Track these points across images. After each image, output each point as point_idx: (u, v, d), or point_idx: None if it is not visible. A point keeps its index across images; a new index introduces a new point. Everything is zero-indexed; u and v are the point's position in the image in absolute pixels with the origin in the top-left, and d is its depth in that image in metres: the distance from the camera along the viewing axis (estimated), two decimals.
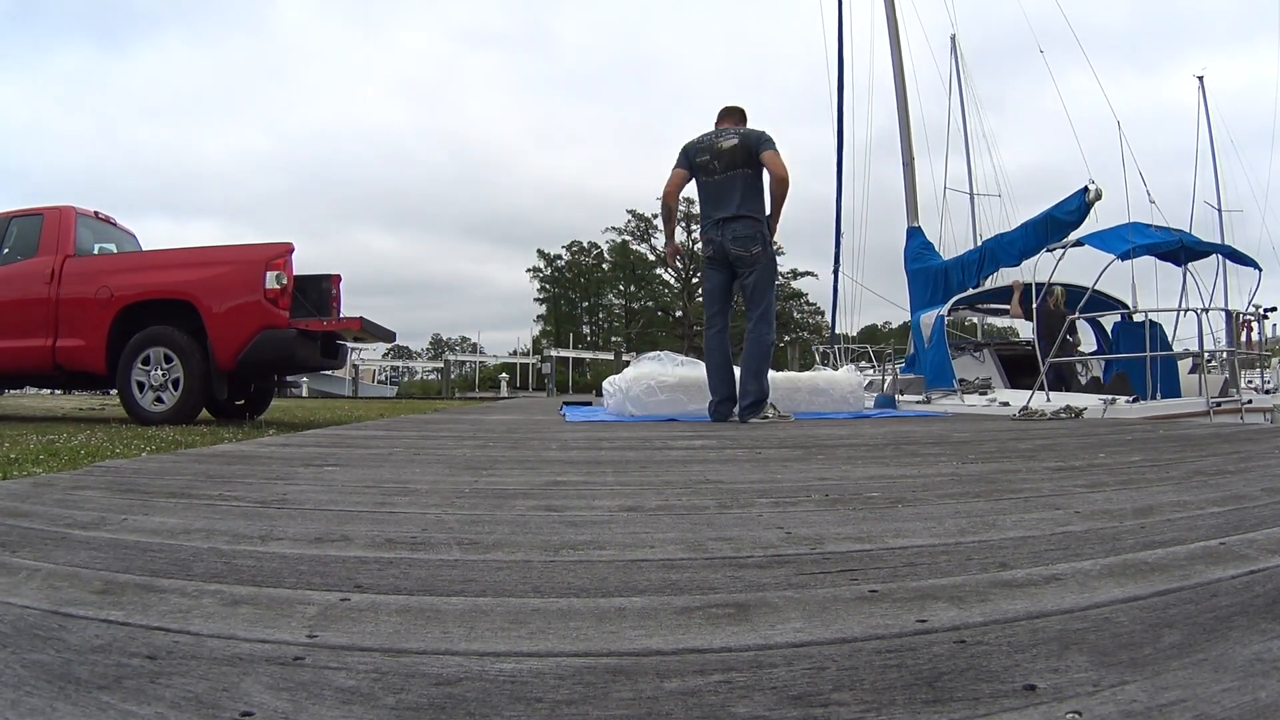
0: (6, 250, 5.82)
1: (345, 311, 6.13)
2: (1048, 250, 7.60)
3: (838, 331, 12.84)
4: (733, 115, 4.63)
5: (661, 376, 5.06)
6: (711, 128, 4.62)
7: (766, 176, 4.42)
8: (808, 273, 42.71)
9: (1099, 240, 7.03)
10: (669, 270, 44.85)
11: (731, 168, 4.42)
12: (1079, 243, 7.22)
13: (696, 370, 5.08)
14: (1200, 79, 22.53)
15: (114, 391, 5.83)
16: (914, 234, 10.43)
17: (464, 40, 65.28)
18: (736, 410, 4.43)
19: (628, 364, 5.90)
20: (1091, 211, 7.69)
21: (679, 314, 43.98)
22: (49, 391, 11.94)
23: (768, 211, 4.47)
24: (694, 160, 4.52)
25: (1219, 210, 21.32)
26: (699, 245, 5.00)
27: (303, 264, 5.70)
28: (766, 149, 4.38)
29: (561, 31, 64.90)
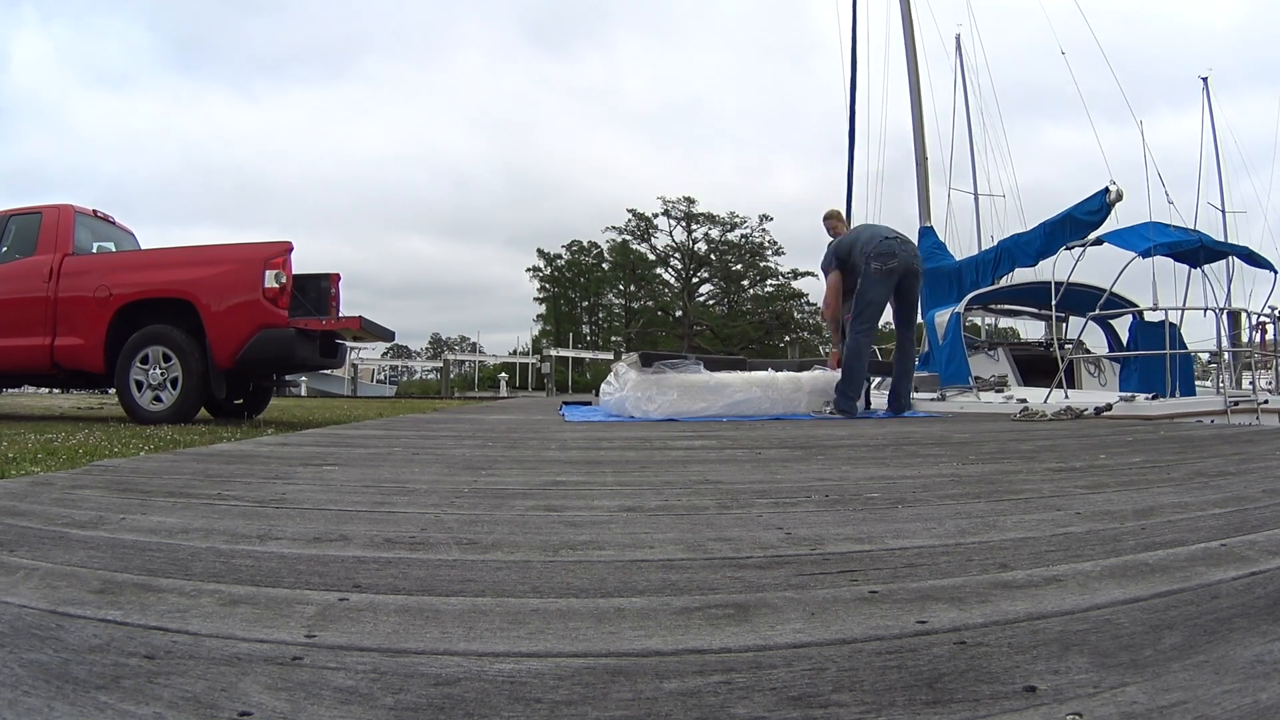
0: (5, 249, 5.80)
1: (344, 310, 6.12)
2: (1066, 249, 7.59)
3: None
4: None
5: (662, 381, 5.04)
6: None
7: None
8: (808, 273, 42.74)
9: (1119, 239, 7.02)
10: (669, 269, 44.89)
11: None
12: (1099, 241, 7.21)
13: (696, 376, 5.07)
14: (1204, 80, 22.51)
15: (112, 390, 5.81)
16: (926, 234, 10.41)
17: (548, 87, 72.83)
18: (882, 408, 5.33)
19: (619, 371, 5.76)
20: (1112, 213, 7.68)
21: (679, 314, 43.97)
22: (47, 390, 11.92)
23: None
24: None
25: (1223, 211, 21.33)
26: (699, 245, 5.16)
27: (344, 268, 5.74)
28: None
29: (629, 81, 73.51)
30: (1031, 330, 11.26)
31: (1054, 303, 7.27)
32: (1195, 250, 6.84)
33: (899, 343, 5.51)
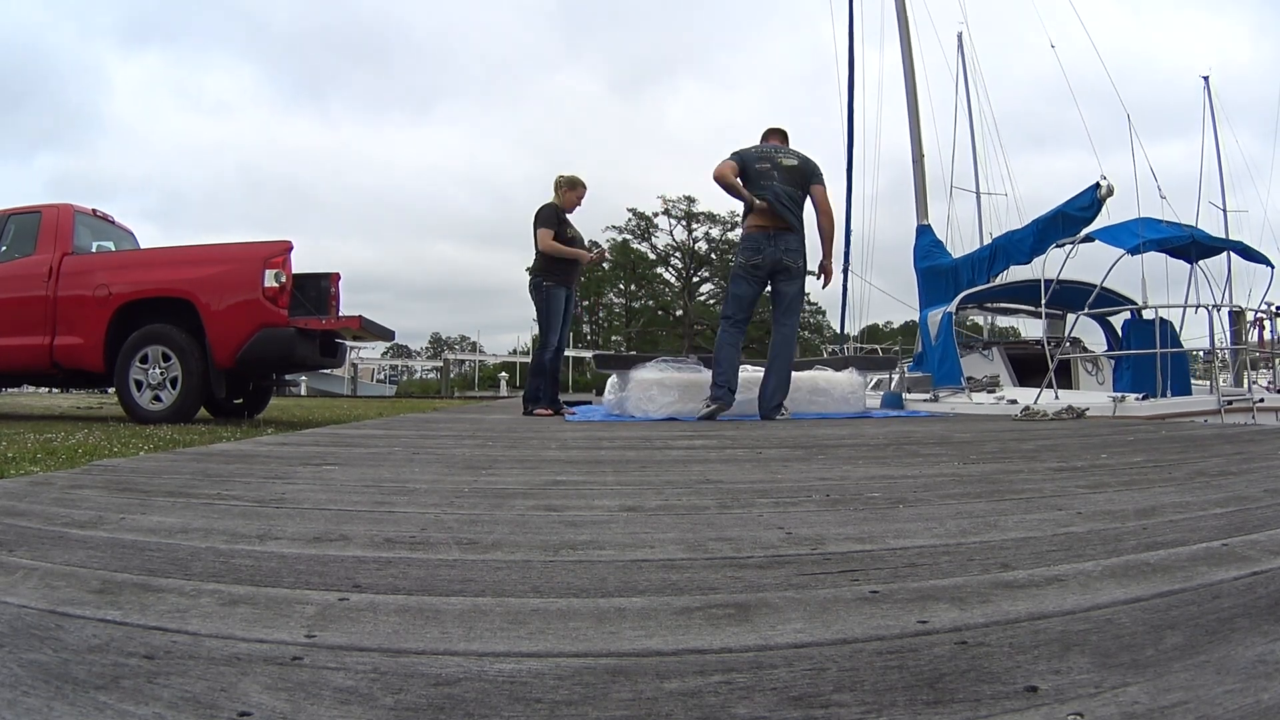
0: (4, 248, 5.80)
1: (344, 310, 6.12)
2: (1057, 246, 7.59)
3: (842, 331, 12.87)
4: (780, 135, 4.96)
5: (662, 379, 5.05)
6: (759, 143, 4.90)
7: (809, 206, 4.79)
8: (809, 273, 42.65)
9: (1109, 235, 7.00)
10: (669, 269, 44.86)
11: (790, 184, 4.69)
12: (1089, 238, 7.21)
13: (698, 375, 5.07)
14: (1206, 79, 22.54)
15: (112, 390, 5.82)
16: (923, 232, 10.39)
17: (596, 112, 78.06)
18: (761, 408, 4.67)
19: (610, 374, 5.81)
20: (1104, 208, 7.68)
21: (679, 313, 43.95)
22: (47, 390, 11.92)
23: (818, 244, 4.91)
24: (750, 165, 4.69)
25: (1224, 210, 21.38)
26: (699, 244, 5.04)
27: (370, 269, 5.80)
28: (818, 182, 4.78)
29: (672, 109, 78.14)
30: (1031, 329, 11.28)
31: (1043, 301, 7.27)
32: (1187, 246, 6.80)
33: (772, 340, 4.85)
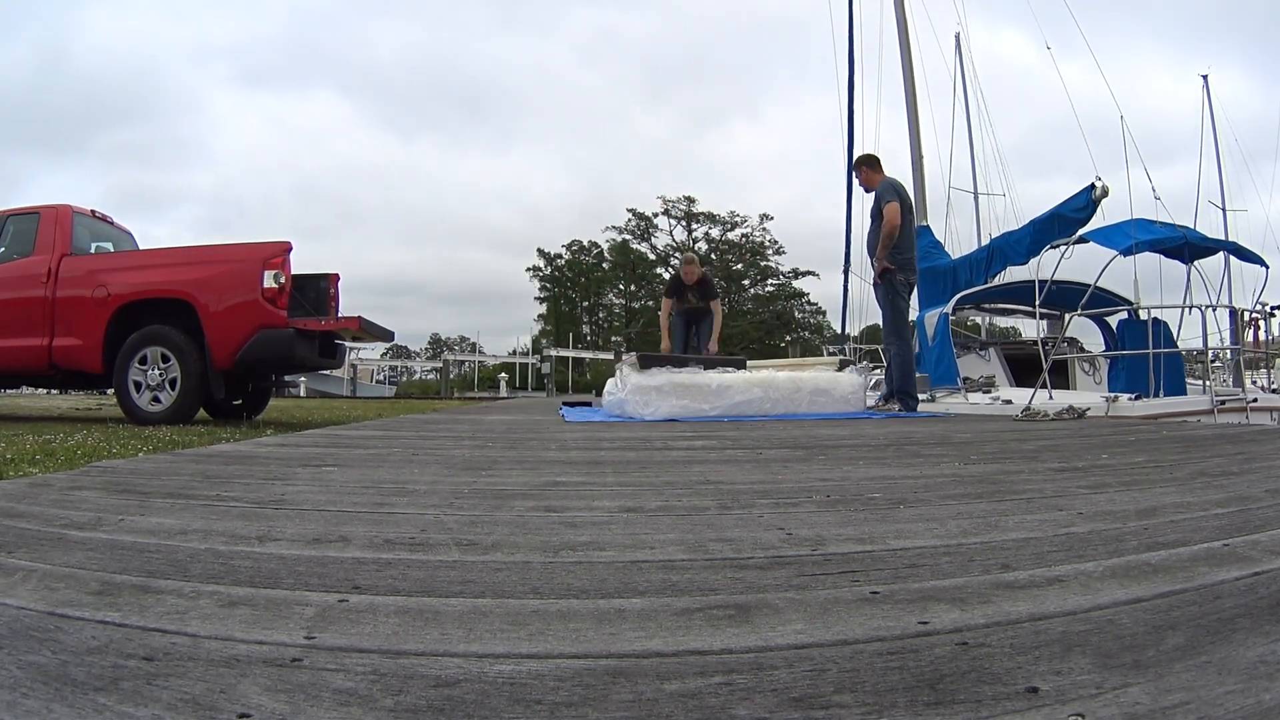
0: (3, 249, 5.79)
1: (343, 310, 6.12)
2: (1052, 247, 7.61)
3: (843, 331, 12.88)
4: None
5: (663, 383, 5.04)
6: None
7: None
8: (809, 273, 42.79)
9: (1102, 236, 7.02)
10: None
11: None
12: (1082, 239, 7.23)
13: (698, 377, 5.07)
14: (1205, 78, 22.56)
15: (111, 391, 5.81)
16: (922, 233, 10.39)
17: (645, 146, 78.25)
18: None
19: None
20: (1099, 208, 7.69)
21: None
22: (45, 391, 11.92)
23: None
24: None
25: (1223, 210, 21.40)
26: (699, 244, 5.20)
27: (391, 272, 5.83)
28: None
29: (711, 141, 78.94)
30: (1031, 330, 11.31)
31: (1037, 301, 7.29)
32: (1181, 246, 6.83)
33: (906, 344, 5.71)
